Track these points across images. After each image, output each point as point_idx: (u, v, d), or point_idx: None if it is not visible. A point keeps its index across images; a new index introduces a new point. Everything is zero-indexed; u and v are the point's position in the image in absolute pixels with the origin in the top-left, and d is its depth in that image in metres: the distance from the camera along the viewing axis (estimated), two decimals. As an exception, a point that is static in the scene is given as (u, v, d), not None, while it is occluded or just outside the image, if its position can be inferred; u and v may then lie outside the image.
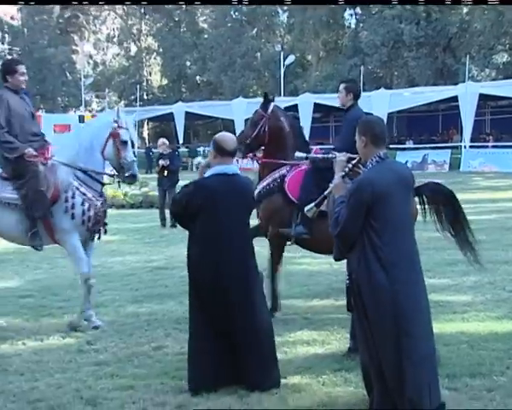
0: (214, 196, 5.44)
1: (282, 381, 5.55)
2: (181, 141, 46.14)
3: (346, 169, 5.16)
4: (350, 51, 49.12)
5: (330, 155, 6.61)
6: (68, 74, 54.87)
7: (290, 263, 10.35)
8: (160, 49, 58.02)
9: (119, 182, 7.83)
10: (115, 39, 61.84)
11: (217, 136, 5.80)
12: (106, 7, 59.32)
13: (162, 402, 5.17)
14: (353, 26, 53.36)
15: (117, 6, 59.67)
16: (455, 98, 36.84)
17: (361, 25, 50.99)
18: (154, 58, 60.66)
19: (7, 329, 7.39)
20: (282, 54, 43.19)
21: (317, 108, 41.70)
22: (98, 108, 58.23)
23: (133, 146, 7.66)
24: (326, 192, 5.46)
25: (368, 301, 4.63)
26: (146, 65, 59.87)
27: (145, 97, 54.96)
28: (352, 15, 53.89)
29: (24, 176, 7.20)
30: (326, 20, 50.33)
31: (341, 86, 7.89)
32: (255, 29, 55.00)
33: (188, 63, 57.15)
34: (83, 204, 7.27)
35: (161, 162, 16.27)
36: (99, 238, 7.73)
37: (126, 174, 7.48)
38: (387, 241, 4.61)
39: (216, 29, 54.63)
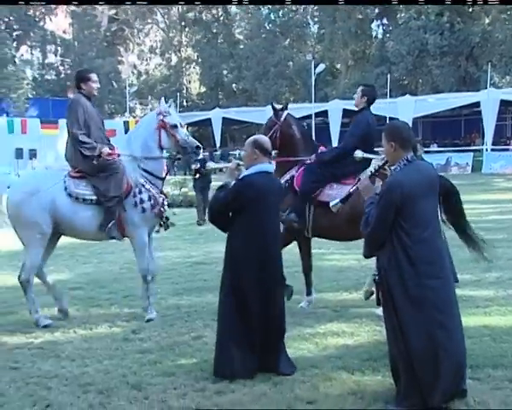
0: (260, 191, 5.48)
1: (314, 370, 5.54)
2: (218, 145, 46.25)
3: (373, 169, 5.13)
4: (377, 60, 48.77)
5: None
6: (114, 83, 55.29)
7: (320, 259, 10.34)
8: (199, 59, 58.17)
9: (188, 168, 7.81)
10: (157, 50, 62.18)
11: (257, 137, 5.87)
12: (149, 20, 59.72)
13: (202, 388, 5.20)
14: (380, 36, 52.97)
15: (160, 20, 60.09)
16: (477, 104, 36.43)
17: (387, 35, 50.60)
18: (194, 67, 60.85)
19: (59, 318, 7.48)
20: (312, 63, 43.01)
21: (346, 113, 41.37)
22: (142, 114, 58.57)
23: (182, 126, 7.58)
24: (351, 189, 5.45)
25: (398, 297, 4.61)
26: (186, 74, 60.11)
27: (185, 104, 55.11)
28: (378, 26, 53.54)
29: (104, 172, 7.25)
30: (354, 30, 50.01)
31: (359, 89, 7.93)
32: (288, 40, 54.86)
33: (224, 72, 57.22)
34: (149, 199, 7.31)
35: (193, 166, 16.67)
36: (158, 231, 7.79)
37: (190, 150, 7.43)
38: (416, 239, 4.58)
39: (251, 40, 54.61)
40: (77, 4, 38.55)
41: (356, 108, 7.94)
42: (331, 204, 5.56)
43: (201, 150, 7.62)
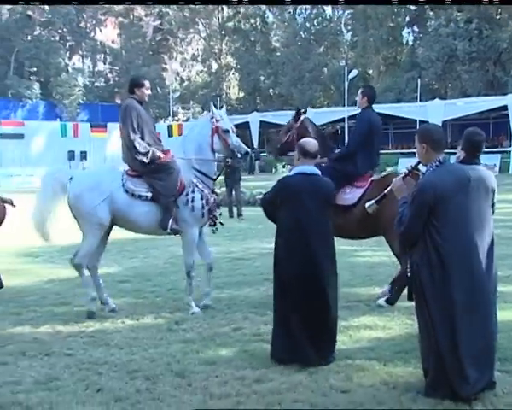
0: (293, 191, 5.58)
1: (348, 361, 5.51)
2: (256, 146, 46.31)
3: (406, 171, 5.09)
4: (407, 66, 48.29)
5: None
6: (159, 89, 55.75)
7: (353, 256, 10.29)
8: (238, 66, 58.31)
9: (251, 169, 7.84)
10: (199, 58, 62.51)
11: (301, 141, 5.92)
12: (191, 30, 60.06)
13: (241, 376, 5.20)
14: (411, 42, 52.45)
15: (201, 29, 60.37)
16: (504, 107, 35.94)
17: (418, 42, 50.06)
18: (233, 74, 61.03)
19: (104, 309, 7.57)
20: (346, 68, 42.79)
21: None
22: (184, 118, 59.02)
23: (233, 131, 7.59)
24: (386, 191, 5.41)
25: (429, 294, 4.58)
26: (225, 80, 60.31)
27: (224, 108, 55.36)
28: (409, 33, 53.04)
29: (160, 171, 7.27)
30: (386, 38, 49.63)
31: (360, 90, 8.07)
32: (322, 47, 54.69)
33: (262, 78, 57.24)
34: (202, 199, 7.33)
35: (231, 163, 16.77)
36: (215, 231, 7.71)
37: (239, 155, 7.48)
38: (447, 238, 4.54)
39: (287, 47, 54.56)
40: (77, 4, 38.40)
41: (359, 109, 8.08)
42: (367, 205, 5.52)
43: (248, 155, 7.66)
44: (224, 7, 58.50)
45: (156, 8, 58.15)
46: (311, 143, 5.85)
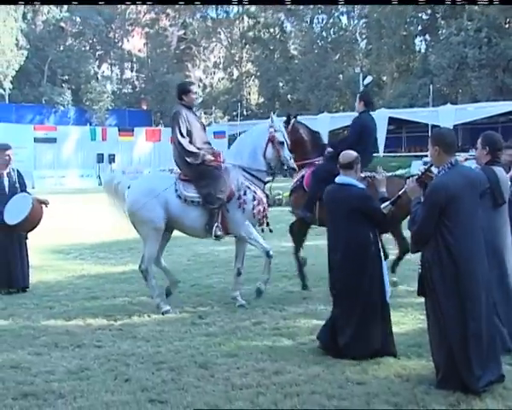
0: (327, 202, 5.88)
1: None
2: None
3: (420, 173, 5.06)
4: (420, 72, 47.93)
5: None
6: (182, 95, 55.94)
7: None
8: (258, 73, 58.23)
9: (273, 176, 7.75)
10: (221, 66, 62.55)
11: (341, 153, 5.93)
12: (214, 39, 60.17)
13: (262, 368, 5.21)
14: (423, 50, 52.04)
15: (223, 38, 60.48)
16: (513, 112, 35.60)
17: (430, 49, 49.64)
18: (253, 80, 60.96)
19: (135, 304, 7.61)
20: (361, 75, 42.64)
21: (391, 121, 40.96)
22: (206, 122, 59.07)
23: (287, 144, 7.53)
24: (400, 192, 5.39)
25: (439, 291, 4.57)
26: (246, 86, 60.27)
27: (245, 113, 55.26)
28: (421, 41, 52.67)
29: (207, 177, 7.24)
30: (399, 46, 49.30)
31: (358, 95, 8.33)
32: (338, 54, 54.43)
33: (280, 84, 57.10)
34: (254, 200, 7.30)
35: None
36: (268, 231, 7.69)
37: (286, 168, 7.46)
38: (458, 237, 4.53)
39: (304, 55, 54.39)
40: (77, 4, 38.43)
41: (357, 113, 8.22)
42: (382, 206, 5.49)
43: (295, 172, 7.65)
44: (245, 17, 58.53)
45: (180, 18, 58.41)
46: (344, 155, 5.81)
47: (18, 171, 8.65)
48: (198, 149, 7.32)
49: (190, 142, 7.32)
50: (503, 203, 5.52)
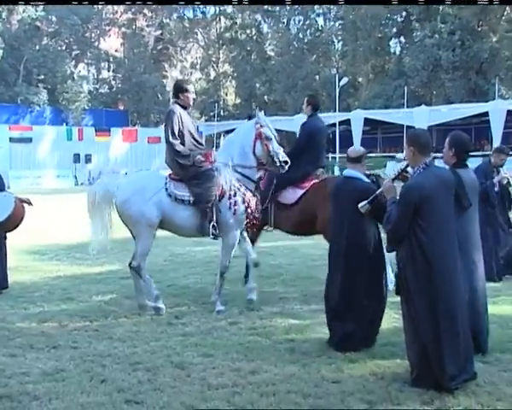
0: (331, 194, 6.03)
1: (338, 353, 5.52)
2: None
3: (396, 173, 5.11)
4: (395, 74, 48.33)
5: None
6: (159, 95, 55.62)
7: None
8: (235, 74, 58.24)
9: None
10: (198, 66, 62.41)
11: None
12: (191, 39, 60.01)
13: (238, 368, 5.21)
14: (398, 52, 52.48)
15: (200, 39, 60.35)
16: (486, 114, 36.07)
17: (404, 51, 50.07)
18: (230, 81, 60.93)
19: (111, 304, 7.55)
20: (336, 76, 42.79)
21: (367, 122, 41.29)
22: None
23: (275, 138, 7.37)
24: (377, 192, 5.41)
25: (413, 289, 4.60)
26: (223, 87, 60.19)
27: (222, 114, 55.24)
28: (396, 44, 53.10)
29: (198, 178, 7.11)
30: (374, 47, 49.67)
31: (305, 99, 8.40)
32: (314, 56, 54.64)
33: (257, 85, 57.15)
34: (243, 202, 7.16)
35: None
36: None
37: (277, 163, 7.23)
38: (432, 237, 4.56)
39: (281, 56, 54.51)
40: (77, 4, 38.13)
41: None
42: (359, 206, 5.51)
43: (287, 165, 7.34)
44: (222, 18, 58.49)
45: (157, 19, 58.14)
46: (353, 149, 6.00)
47: None
48: (190, 150, 7.21)
49: (182, 143, 7.21)
50: (468, 207, 5.38)
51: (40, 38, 51.85)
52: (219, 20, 59.20)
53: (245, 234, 7.59)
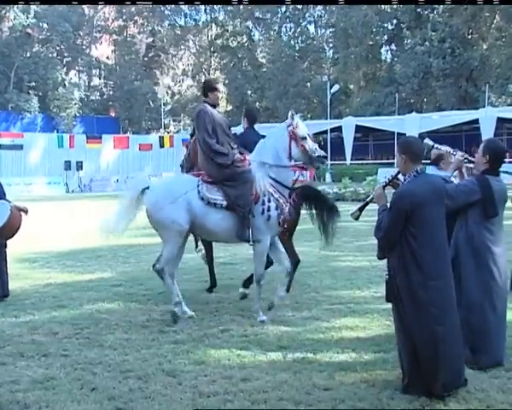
0: None
1: (329, 360, 5.52)
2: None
3: (387, 180, 5.12)
4: (386, 81, 48.63)
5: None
6: (151, 102, 55.69)
7: (335, 260, 10.29)
8: (226, 81, 58.33)
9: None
10: (189, 73, 62.52)
11: None
12: (182, 47, 60.09)
13: (229, 376, 5.19)
14: (389, 60, 52.83)
15: (191, 46, 60.42)
16: (476, 121, 36.32)
17: (395, 59, 50.40)
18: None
19: (102, 312, 7.50)
20: (328, 84, 43.01)
21: (358, 129, 41.49)
22: (175, 129, 58.96)
23: (310, 137, 7.18)
24: (368, 199, 5.41)
25: (404, 296, 4.61)
26: (214, 94, 60.31)
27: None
28: (387, 51, 53.44)
29: (236, 179, 6.93)
30: (365, 55, 49.99)
31: (243, 112, 8.62)
32: (306, 63, 54.91)
33: (249, 92, 57.34)
34: (277, 208, 6.93)
35: None
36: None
37: (317, 160, 7.07)
38: (423, 243, 4.57)
39: (273, 63, 54.72)
40: (77, 4, 38.07)
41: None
42: (350, 213, 5.51)
43: (326, 159, 7.26)
44: (213, 25, 58.62)
45: (149, 26, 58.19)
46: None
47: None
48: (227, 148, 7.03)
49: (217, 142, 7.02)
50: (494, 215, 5.27)
51: (31, 45, 51.83)
52: (211, 27, 59.37)
53: (277, 240, 7.33)
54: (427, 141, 6.33)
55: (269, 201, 6.92)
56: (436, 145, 6.28)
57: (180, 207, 6.88)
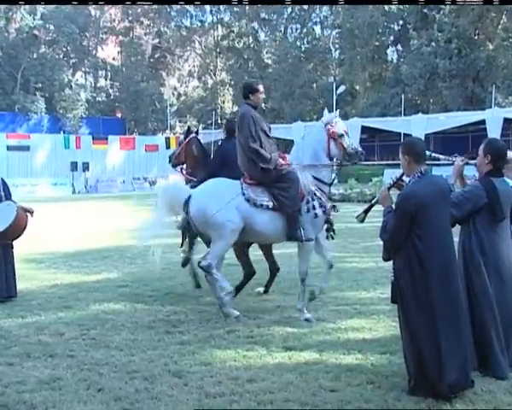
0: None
1: (336, 361, 5.52)
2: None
3: (391, 181, 5.11)
4: (392, 82, 48.52)
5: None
6: (157, 103, 55.74)
7: (341, 262, 10.26)
8: (232, 82, 58.35)
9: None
10: (195, 74, 62.56)
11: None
12: (188, 48, 60.14)
13: (235, 376, 5.19)
14: (395, 60, 52.70)
15: (197, 47, 60.48)
16: (483, 122, 36.13)
17: (401, 60, 50.29)
18: (227, 89, 61.04)
19: (108, 313, 7.52)
20: (334, 84, 42.94)
21: (364, 130, 41.37)
22: (181, 130, 58.97)
23: (347, 134, 7.20)
24: (373, 201, 5.41)
25: (409, 298, 4.60)
26: (220, 95, 60.29)
27: (219, 122, 55.27)
28: (393, 52, 53.32)
29: (283, 181, 6.92)
30: (372, 56, 49.90)
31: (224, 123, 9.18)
32: (311, 64, 54.85)
33: (255, 93, 57.33)
34: (320, 206, 6.96)
35: None
36: (332, 238, 7.38)
37: (355, 156, 7.08)
38: (428, 245, 4.56)
39: (278, 64, 54.68)
40: (77, 4, 38.06)
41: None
42: (355, 215, 5.51)
43: (363, 155, 7.22)
44: (219, 26, 58.65)
45: (155, 27, 58.28)
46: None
47: (2, 179, 8.55)
48: (269, 153, 7.01)
49: (260, 145, 6.99)
50: (502, 219, 5.14)
51: (38, 47, 51.97)
52: (217, 28, 59.39)
53: (320, 237, 7.31)
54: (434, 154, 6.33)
55: (312, 199, 6.96)
56: (434, 155, 6.28)
57: (231, 207, 6.89)
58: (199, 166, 8.74)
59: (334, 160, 7.24)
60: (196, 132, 9.29)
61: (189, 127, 9.67)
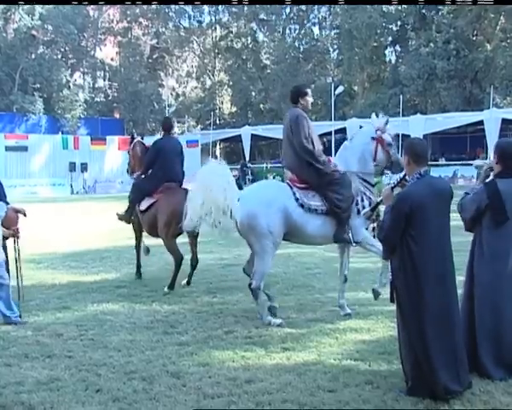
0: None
1: (334, 362, 5.52)
2: (247, 158, 46.28)
3: (395, 181, 5.12)
4: (390, 83, 48.51)
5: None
6: (155, 104, 55.67)
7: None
8: (230, 83, 58.32)
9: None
10: (193, 75, 62.48)
11: None
12: (186, 48, 60.11)
13: (233, 377, 5.20)
14: (393, 61, 52.69)
15: (195, 47, 60.46)
16: (481, 122, 36.19)
17: (400, 60, 50.28)
18: (225, 90, 61.01)
19: (107, 313, 7.52)
20: (332, 85, 42.91)
21: (362, 130, 41.39)
22: (179, 131, 58.92)
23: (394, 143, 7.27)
24: (379, 199, 5.43)
25: (403, 299, 4.62)
26: (218, 95, 60.24)
27: (218, 122, 55.27)
28: (392, 52, 53.32)
29: (336, 184, 6.92)
30: (370, 56, 49.87)
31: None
32: (310, 64, 54.81)
33: (253, 93, 57.22)
34: (370, 205, 6.85)
35: None
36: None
37: (397, 167, 7.01)
38: (423, 246, 4.57)
39: (277, 65, 54.64)
40: (76, 4, 37.91)
41: None
42: (362, 212, 5.54)
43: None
44: (217, 26, 58.62)
45: (153, 27, 58.24)
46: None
47: None
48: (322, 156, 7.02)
49: (313, 148, 6.99)
50: (503, 221, 5.06)
51: (36, 47, 51.86)
52: (215, 28, 59.35)
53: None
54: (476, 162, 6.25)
55: (362, 200, 6.97)
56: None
57: (278, 216, 6.79)
58: (140, 166, 9.76)
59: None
60: (142, 137, 10.49)
61: (132, 135, 10.90)
